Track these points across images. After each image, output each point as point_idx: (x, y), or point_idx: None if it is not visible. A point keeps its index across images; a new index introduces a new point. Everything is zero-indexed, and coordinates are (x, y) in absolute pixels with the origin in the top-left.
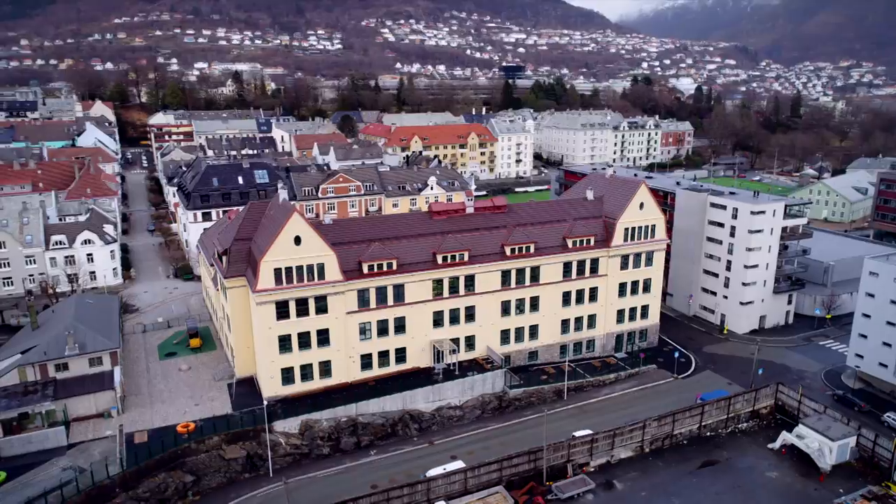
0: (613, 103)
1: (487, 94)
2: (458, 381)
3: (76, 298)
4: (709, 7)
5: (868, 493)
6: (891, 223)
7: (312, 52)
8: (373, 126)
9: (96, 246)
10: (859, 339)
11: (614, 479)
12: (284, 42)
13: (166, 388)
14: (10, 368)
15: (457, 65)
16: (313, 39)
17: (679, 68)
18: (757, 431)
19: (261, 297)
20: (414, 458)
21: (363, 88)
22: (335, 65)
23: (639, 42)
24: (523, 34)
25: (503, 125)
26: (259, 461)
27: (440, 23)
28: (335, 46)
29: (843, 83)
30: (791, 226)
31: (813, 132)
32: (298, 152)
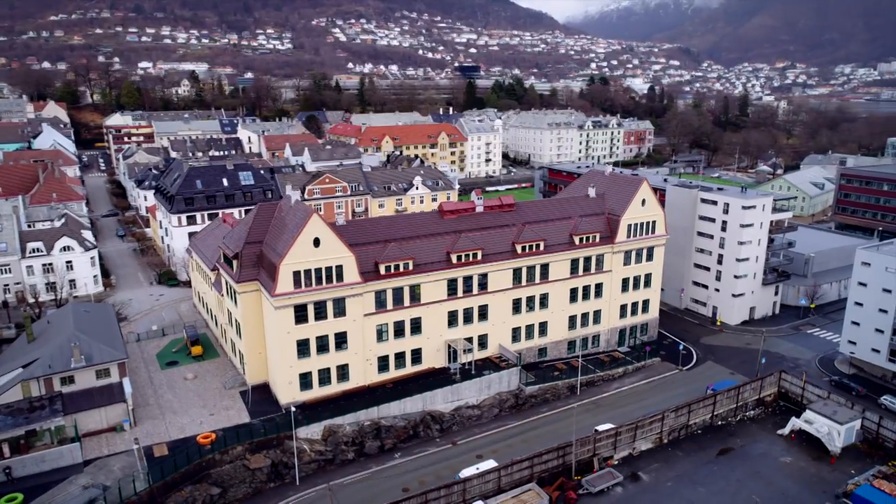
0: (572, 103)
1: (449, 94)
2: (476, 381)
3: (72, 307)
4: (651, 10)
5: (878, 473)
6: (851, 216)
7: (262, 51)
8: (341, 126)
9: (76, 253)
10: (852, 326)
11: (639, 471)
12: (233, 41)
13: (175, 398)
14: (14, 384)
15: (409, 65)
16: (262, 39)
17: (626, 69)
18: (764, 418)
19: (279, 301)
20: (440, 460)
21: (325, 88)
22: (286, 65)
23: (587, 43)
24: (474, 34)
25: (472, 125)
26: (284, 469)
27: (391, 23)
28: (285, 46)
29: (779, 83)
30: (777, 220)
31: (761, 130)
32: (268, 153)
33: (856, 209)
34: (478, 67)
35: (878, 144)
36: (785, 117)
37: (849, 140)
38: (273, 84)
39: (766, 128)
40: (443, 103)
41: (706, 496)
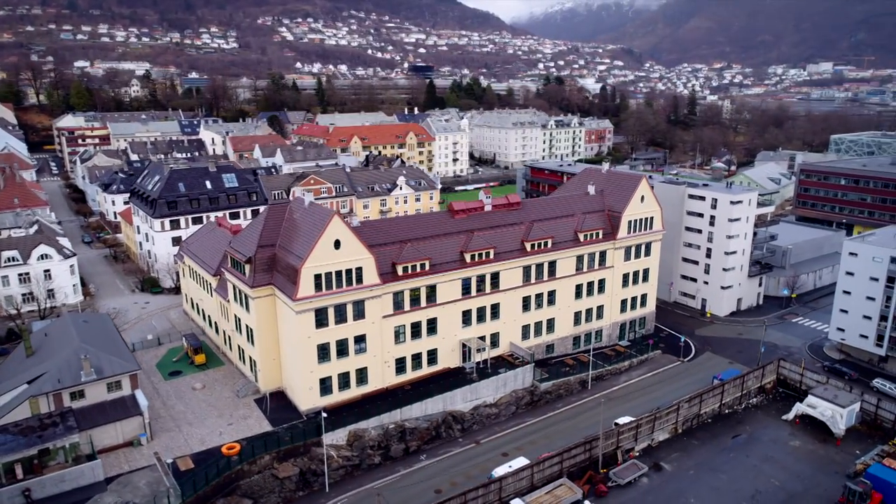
0: (529, 102)
1: (408, 94)
2: (492, 379)
3: (70, 318)
4: (594, 11)
5: (881, 452)
6: (811, 209)
7: (207, 50)
8: (307, 126)
9: (54, 261)
10: (840, 314)
11: (660, 461)
12: (175, 40)
13: (187, 409)
14: (21, 401)
15: (359, 64)
16: (206, 38)
17: (573, 69)
18: (767, 405)
19: (301, 306)
20: (466, 460)
21: (283, 88)
22: (232, 64)
23: (534, 43)
24: (423, 34)
25: (439, 124)
26: (312, 477)
27: (339, 22)
28: (231, 45)
29: (717, 83)
30: (761, 214)
31: (713, 128)
32: (235, 155)
33: (815, 203)
34: (432, 67)
35: (819, 141)
36: (729, 116)
37: (793, 137)
38: (229, 84)
39: (713, 126)
40: (404, 103)
41: (728, 482)
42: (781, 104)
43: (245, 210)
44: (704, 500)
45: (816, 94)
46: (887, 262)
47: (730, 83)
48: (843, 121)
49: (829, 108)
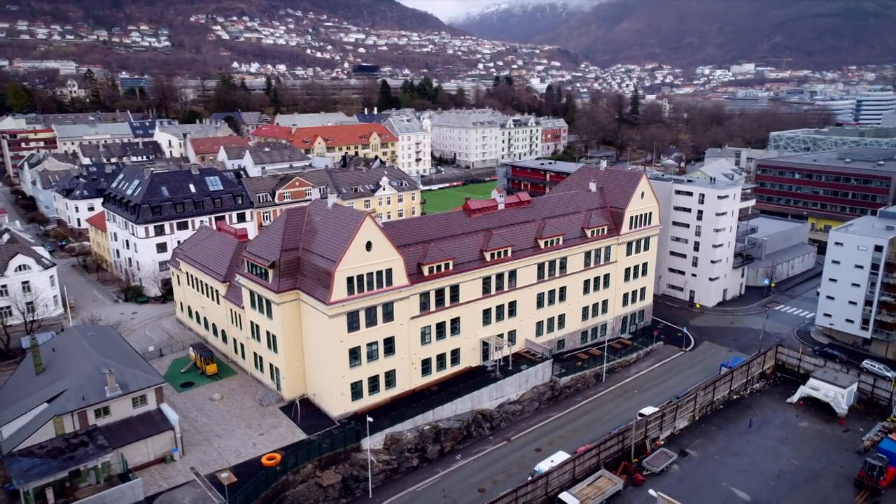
0: (480, 102)
1: (360, 94)
2: (515, 376)
3: (77, 331)
4: (529, 12)
5: (883, 428)
6: (768, 203)
7: (137, 49)
8: (267, 127)
9: (34, 272)
10: (827, 300)
11: (685, 448)
12: (102, 38)
13: (211, 421)
14: (45, 421)
15: (298, 64)
16: (136, 35)
17: (512, 69)
18: (769, 390)
19: (334, 310)
20: (501, 457)
21: (233, 88)
22: (165, 63)
23: (473, 44)
24: (362, 34)
25: (402, 124)
26: (354, 483)
27: (276, 21)
28: (163, 44)
29: (650, 83)
30: (743, 207)
31: (659, 127)
32: (197, 157)
33: (771, 196)
34: (377, 67)
35: (757, 138)
36: (667, 115)
37: (734, 135)
38: (176, 84)
39: (657, 125)
40: (359, 103)
41: (752, 465)
42: (717, 104)
43: (231, 213)
44: (735, 482)
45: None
46: (871, 251)
47: (661, 83)
48: (775, 119)
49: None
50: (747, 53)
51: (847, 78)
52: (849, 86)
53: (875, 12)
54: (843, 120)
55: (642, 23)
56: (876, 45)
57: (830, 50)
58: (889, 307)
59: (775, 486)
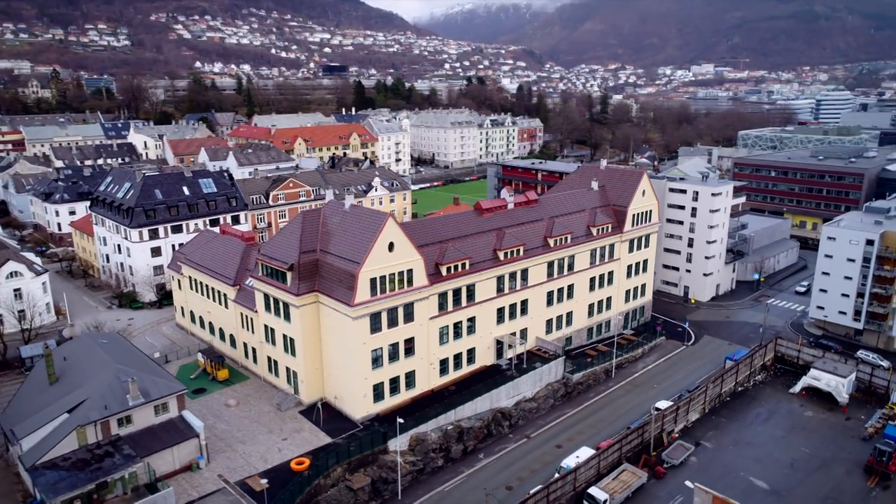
0: (453, 102)
1: (333, 94)
2: (530, 374)
3: (88, 338)
4: (493, 13)
5: (883, 416)
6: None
7: (95, 48)
8: (245, 128)
9: (26, 279)
10: (820, 293)
11: (700, 440)
12: (58, 37)
13: (231, 427)
14: (68, 431)
15: (263, 64)
16: (94, 34)
17: (478, 69)
18: (771, 381)
19: (358, 311)
20: (524, 455)
21: (205, 89)
22: (125, 63)
23: (439, 44)
24: (328, 34)
25: (382, 125)
26: (382, 486)
27: (239, 20)
28: (122, 43)
29: (613, 83)
30: (734, 204)
31: (628, 126)
32: (176, 159)
33: (748, 193)
34: (346, 67)
35: (723, 136)
36: (635, 114)
37: (703, 134)
38: (145, 84)
39: (627, 124)
40: (333, 103)
41: (766, 454)
42: (683, 103)
43: (225, 216)
44: (752, 471)
45: (702, 93)
46: (863, 245)
47: (625, 83)
48: (740, 118)
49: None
50: (706, 54)
51: (801, 78)
52: (803, 86)
53: (825, 14)
54: (804, 119)
55: (604, 24)
56: (827, 47)
57: (785, 51)
58: (880, 299)
59: (790, 473)
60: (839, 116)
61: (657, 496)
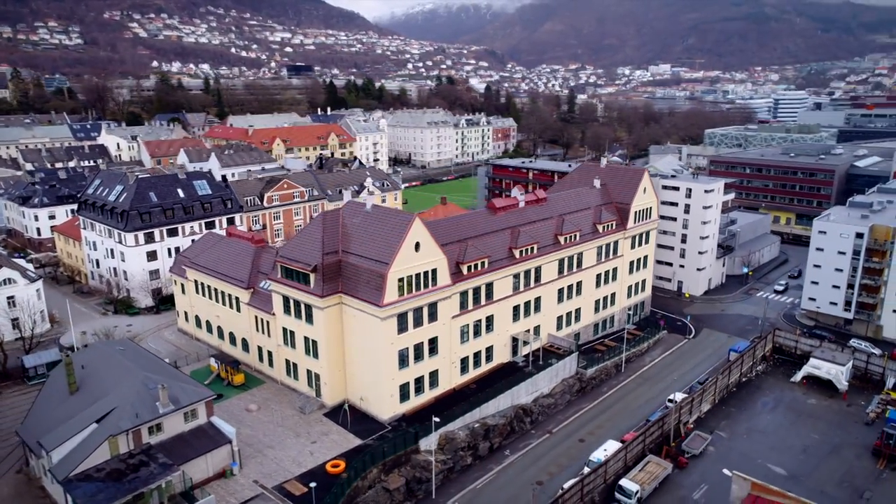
0: (423, 102)
1: (302, 94)
2: (547, 371)
3: (105, 346)
4: (454, 13)
5: (881, 401)
6: None
7: (46, 46)
8: (220, 128)
9: (19, 286)
10: (812, 285)
11: (714, 430)
12: (6, 34)
13: (256, 432)
14: (100, 441)
15: (222, 63)
16: (44, 32)
17: (441, 69)
18: (771, 371)
19: (386, 312)
20: (549, 450)
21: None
22: (78, 62)
23: (401, 44)
24: (288, 33)
25: (359, 125)
26: (416, 485)
27: (196, 18)
28: (74, 41)
29: (574, 83)
30: (724, 201)
31: (598, 125)
32: (153, 161)
33: (725, 190)
34: (311, 67)
35: (689, 135)
36: (601, 114)
37: (670, 132)
38: (110, 84)
39: (594, 123)
40: (305, 103)
41: (779, 441)
42: (647, 103)
43: (220, 218)
44: (769, 458)
45: (660, 92)
46: (853, 238)
47: (586, 83)
48: (703, 117)
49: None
50: (663, 55)
51: (754, 78)
52: (756, 85)
53: (775, 17)
54: (764, 118)
55: (564, 24)
56: (777, 48)
57: (738, 52)
58: (869, 289)
59: (804, 459)
60: (796, 115)
61: (682, 485)
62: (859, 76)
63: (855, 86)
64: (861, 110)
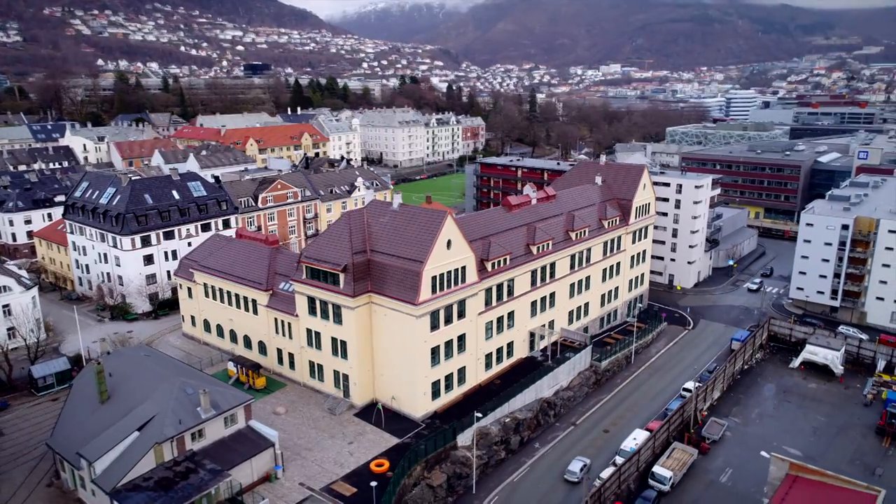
0: (386, 101)
1: (266, 94)
2: (566, 364)
3: (132, 352)
4: (406, 12)
5: (875, 382)
6: None
7: None
8: (189, 129)
9: (15, 293)
10: (799, 275)
11: (727, 416)
12: None
13: (289, 434)
14: (147, 450)
15: (172, 62)
16: None
17: (396, 68)
18: (769, 358)
19: (421, 310)
20: (576, 441)
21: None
22: (17, 60)
23: (355, 43)
24: (239, 31)
25: (332, 124)
26: (456, 481)
27: (143, 15)
28: (12, 38)
29: (528, 83)
30: (711, 196)
31: (563, 124)
32: (124, 162)
33: None
34: (268, 66)
35: (650, 132)
36: (561, 113)
37: (633, 131)
38: (65, 83)
39: (554, 122)
40: (269, 103)
41: (789, 423)
42: (604, 102)
43: (216, 220)
44: (783, 441)
45: (612, 92)
46: (839, 229)
47: (539, 83)
48: (661, 116)
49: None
50: (613, 55)
51: (700, 78)
52: (703, 85)
53: (719, 19)
54: (717, 116)
55: (517, 24)
56: (721, 49)
57: (684, 52)
58: (854, 278)
59: (815, 441)
60: (748, 114)
61: (709, 469)
62: (799, 76)
63: (796, 85)
64: (808, 109)
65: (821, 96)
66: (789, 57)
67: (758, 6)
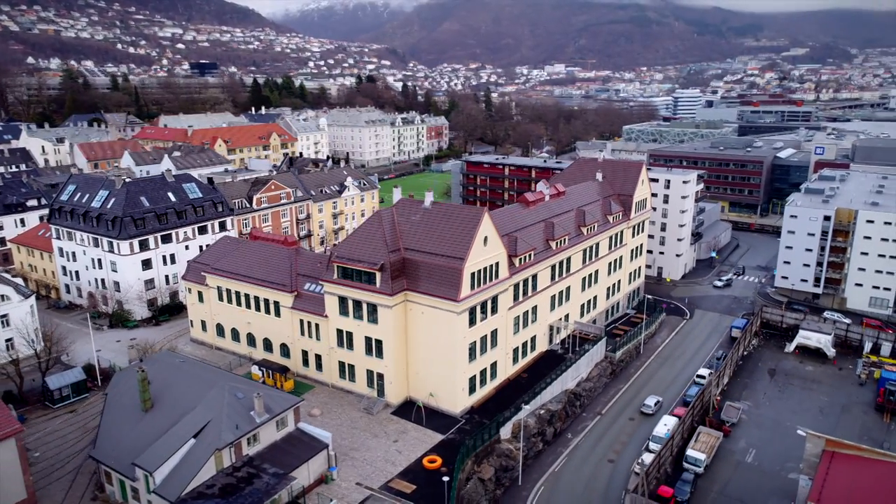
0: (343, 100)
1: (222, 93)
2: (585, 356)
3: (166, 359)
4: (350, 11)
5: (865, 363)
6: None
7: None
8: (153, 129)
9: (13, 302)
10: (784, 265)
11: (740, 400)
12: None
13: (333, 436)
14: (208, 457)
15: (108, 60)
16: None
17: (343, 67)
18: (764, 343)
19: (462, 306)
20: (606, 429)
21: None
22: None
23: (301, 42)
24: (179, 29)
25: (299, 124)
26: (502, 474)
27: (75, 11)
28: None
29: (476, 82)
30: (696, 191)
31: (523, 123)
32: (89, 164)
33: None
34: (216, 64)
35: (605, 131)
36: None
37: (590, 129)
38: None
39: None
40: (228, 103)
41: (797, 404)
42: (556, 102)
43: (213, 223)
44: (794, 420)
45: (557, 91)
46: (821, 220)
47: (486, 82)
48: (614, 114)
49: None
50: (557, 55)
51: (641, 78)
52: (643, 84)
53: (657, 20)
54: (665, 115)
55: (462, 24)
56: (659, 49)
57: (625, 53)
58: (835, 266)
59: (824, 419)
60: (694, 112)
61: (733, 451)
62: (734, 76)
63: (732, 85)
64: (750, 107)
65: (759, 95)
66: (723, 57)
67: (692, 8)
